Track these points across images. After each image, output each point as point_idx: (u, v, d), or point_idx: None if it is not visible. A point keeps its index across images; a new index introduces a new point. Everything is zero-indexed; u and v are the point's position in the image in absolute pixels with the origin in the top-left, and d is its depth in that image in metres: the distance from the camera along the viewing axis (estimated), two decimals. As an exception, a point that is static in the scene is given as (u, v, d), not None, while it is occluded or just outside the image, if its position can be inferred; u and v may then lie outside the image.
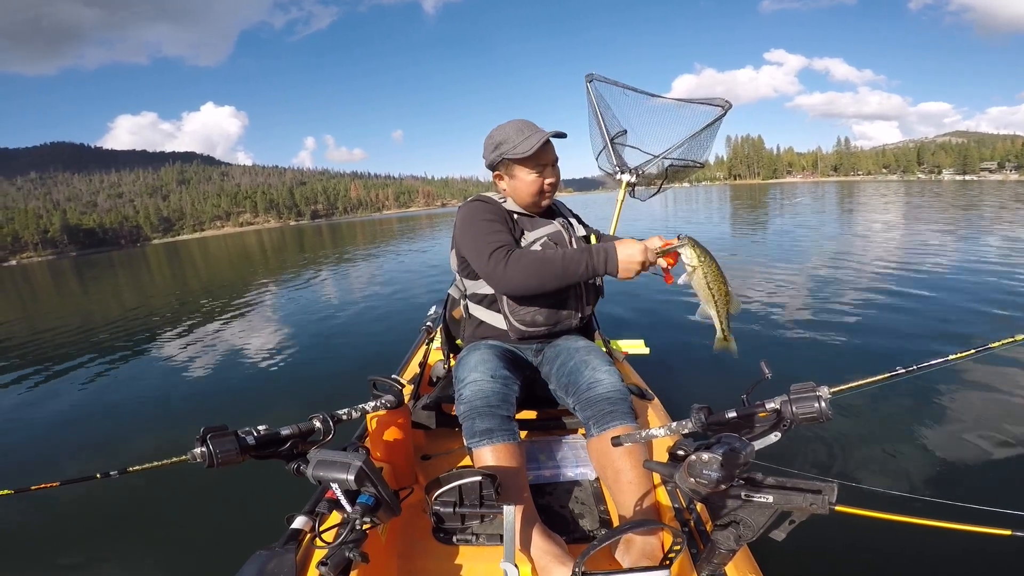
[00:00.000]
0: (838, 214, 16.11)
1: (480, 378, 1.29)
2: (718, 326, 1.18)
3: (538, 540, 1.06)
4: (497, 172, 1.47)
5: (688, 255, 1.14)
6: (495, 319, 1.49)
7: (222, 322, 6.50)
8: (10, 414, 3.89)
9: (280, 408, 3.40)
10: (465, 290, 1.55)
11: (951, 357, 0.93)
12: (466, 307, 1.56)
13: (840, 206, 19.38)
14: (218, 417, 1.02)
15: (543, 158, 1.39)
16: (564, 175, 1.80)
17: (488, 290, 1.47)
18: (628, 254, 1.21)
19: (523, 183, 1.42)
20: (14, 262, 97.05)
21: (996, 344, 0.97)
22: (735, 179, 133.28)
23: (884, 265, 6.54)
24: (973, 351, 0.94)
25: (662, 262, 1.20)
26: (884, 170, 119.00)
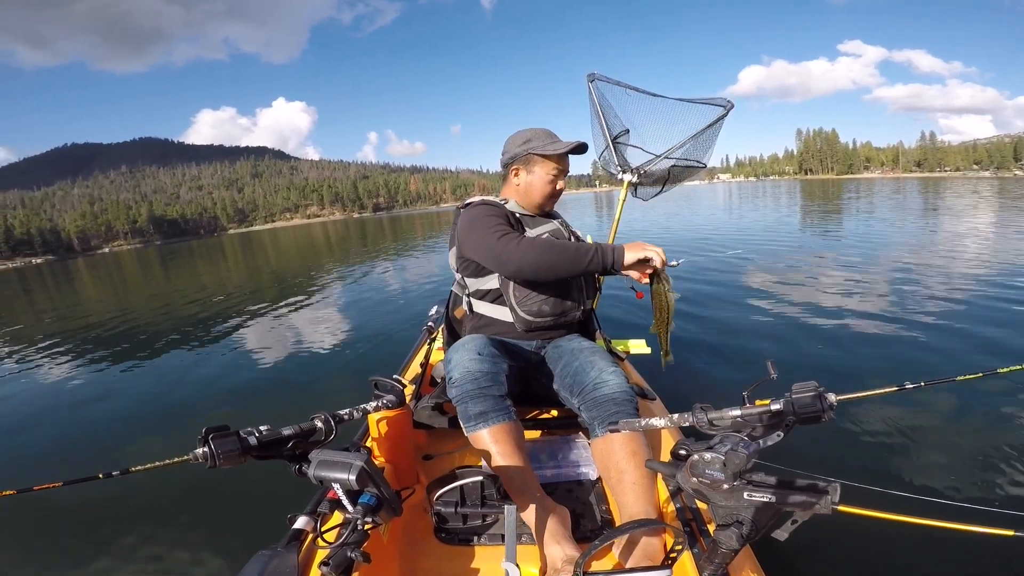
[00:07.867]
0: (917, 214, 14.05)
1: (467, 358, 1.29)
2: (664, 344, 1.45)
3: (543, 515, 1.08)
4: (516, 166, 1.53)
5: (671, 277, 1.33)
6: (501, 313, 1.48)
7: (232, 324, 6.49)
8: (13, 414, 3.90)
9: (282, 408, 3.40)
10: (467, 288, 1.54)
11: (958, 378, 0.95)
12: (470, 305, 1.55)
13: (924, 204, 17.22)
14: (220, 417, 1.03)
15: (564, 164, 1.51)
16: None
17: (493, 284, 1.47)
18: (634, 247, 1.30)
19: (540, 180, 1.50)
20: (107, 249, 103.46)
21: (1004, 370, 0.99)
22: (806, 174, 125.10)
23: (931, 271, 5.88)
24: (980, 374, 0.96)
25: (634, 274, 1.36)
26: (975, 166, 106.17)
